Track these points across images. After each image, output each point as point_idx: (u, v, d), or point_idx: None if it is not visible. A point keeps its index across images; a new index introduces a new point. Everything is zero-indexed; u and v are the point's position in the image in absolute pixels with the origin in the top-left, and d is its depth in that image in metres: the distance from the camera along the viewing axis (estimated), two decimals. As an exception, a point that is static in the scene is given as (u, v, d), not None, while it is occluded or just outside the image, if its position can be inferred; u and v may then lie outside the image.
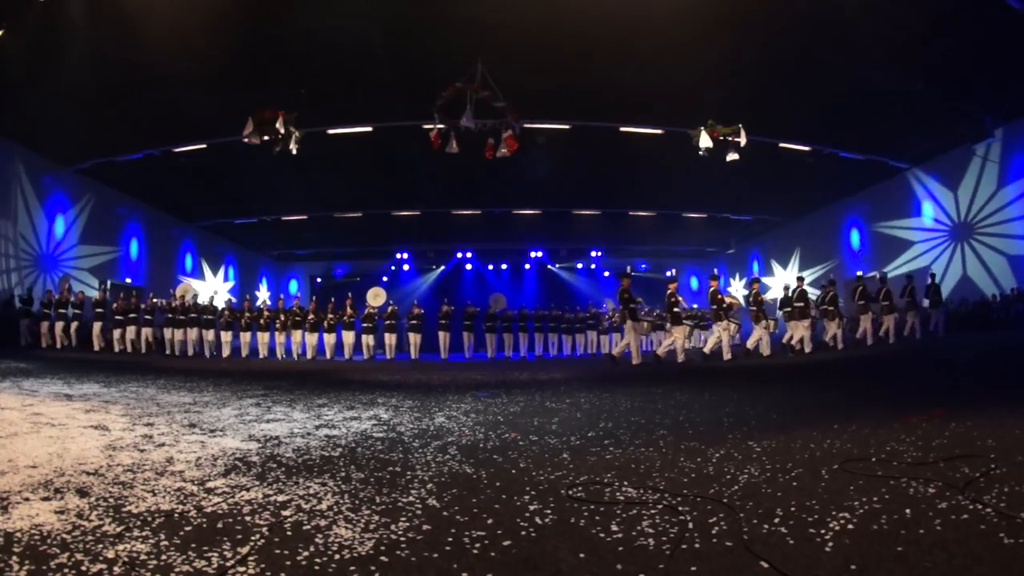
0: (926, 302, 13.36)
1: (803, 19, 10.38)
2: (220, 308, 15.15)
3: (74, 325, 13.39)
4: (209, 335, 14.53)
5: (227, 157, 14.87)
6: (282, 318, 14.57)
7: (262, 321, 14.74)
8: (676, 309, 11.15)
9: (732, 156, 12.27)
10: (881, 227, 18.30)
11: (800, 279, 12.72)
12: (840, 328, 12.37)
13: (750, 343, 11.68)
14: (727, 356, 11.00)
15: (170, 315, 14.20)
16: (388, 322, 15.45)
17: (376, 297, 16.09)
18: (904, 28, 10.33)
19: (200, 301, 15.39)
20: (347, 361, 13.99)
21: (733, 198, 19.02)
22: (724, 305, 11.40)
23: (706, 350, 11.56)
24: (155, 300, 14.56)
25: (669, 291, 11.51)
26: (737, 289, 26.38)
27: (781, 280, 20.69)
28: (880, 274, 14.96)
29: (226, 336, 14.56)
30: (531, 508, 2.30)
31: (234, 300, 16.79)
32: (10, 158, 13.66)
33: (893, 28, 10.39)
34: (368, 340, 15.36)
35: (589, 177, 17.79)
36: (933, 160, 16.15)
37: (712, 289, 11.74)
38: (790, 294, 12.44)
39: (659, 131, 14.49)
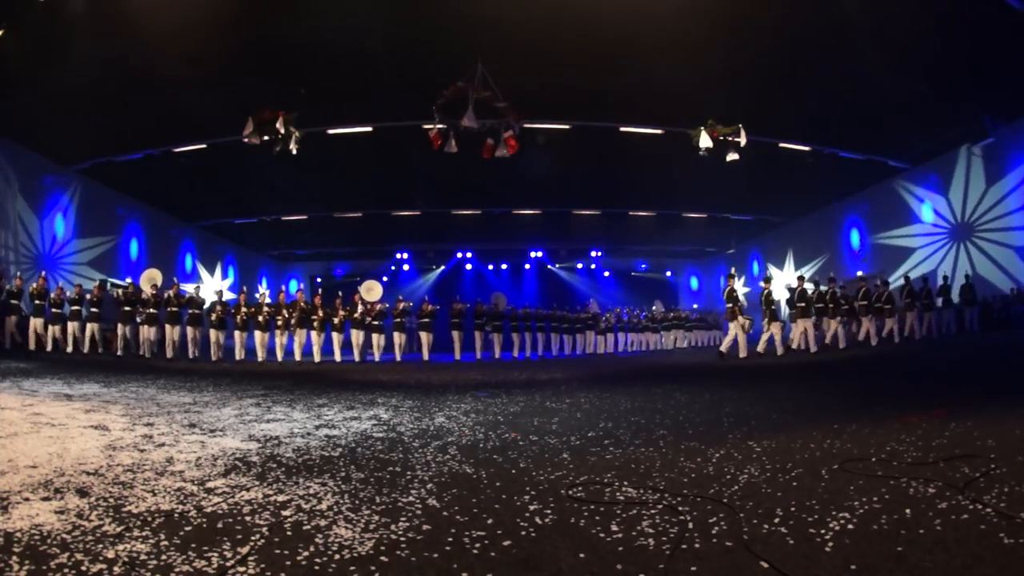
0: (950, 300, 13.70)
1: (803, 19, 10.38)
2: (210, 302, 13.19)
3: (12, 320, 11.53)
4: (194, 333, 12.44)
5: (227, 157, 14.85)
6: (284, 314, 12.99)
7: (261, 318, 12.91)
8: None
9: (732, 156, 12.28)
10: (880, 230, 18.28)
11: (767, 279, 12.88)
12: (815, 329, 12.49)
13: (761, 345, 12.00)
14: (743, 354, 11.45)
15: (127, 308, 11.97)
16: (397, 320, 14.47)
17: (370, 291, 14.74)
18: (904, 28, 10.32)
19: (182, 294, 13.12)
20: (359, 363, 12.93)
21: (733, 198, 19.01)
22: (740, 304, 11.98)
23: (723, 349, 11.78)
24: (113, 291, 12.38)
25: (765, 290, 12.26)
26: (737, 289, 26.40)
27: (782, 280, 20.69)
28: (880, 276, 14.99)
29: (218, 335, 12.65)
30: (531, 508, 2.30)
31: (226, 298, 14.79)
32: (10, 158, 13.64)
33: (893, 28, 10.39)
34: (379, 340, 13.94)
35: (589, 177, 17.78)
36: (933, 160, 16.14)
37: (729, 288, 12.03)
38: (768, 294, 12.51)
39: (659, 131, 14.48)
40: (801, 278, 13.34)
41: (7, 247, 13.52)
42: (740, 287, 25.84)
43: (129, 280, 12.87)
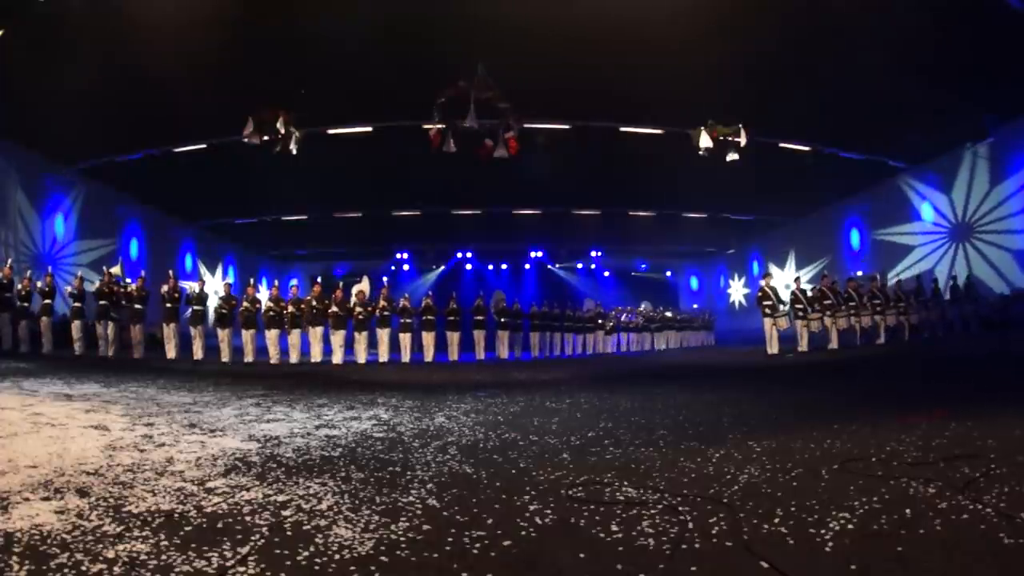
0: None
1: (803, 19, 10.37)
2: (217, 298, 12.08)
3: None
4: (195, 332, 11.30)
5: (227, 157, 14.85)
6: (302, 307, 11.87)
7: (271, 314, 11.65)
8: (767, 302, 12.07)
9: (732, 156, 12.28)
10: (880, 227, 18.28)
11: (767, 275, 12.89)
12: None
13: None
14: (775, 350, 11.60)
15: (102, 302, 10.81)
16: (426, 318, 13.53)
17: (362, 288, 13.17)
18: (903, 28, 10.32)
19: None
20: (386, 364, 12.09)
21: (733, 198, 19.01)
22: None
23: (768, 351, 11.82)
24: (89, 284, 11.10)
25: (762, 287, 12.31)
26: (737, 289, 26.44)
27: (781, 279, 20.70)
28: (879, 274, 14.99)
29: (223, 334, 11.38)
30: (531, 508, 2.30)
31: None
32: (10, 158, 13.65)
33: (892, 28, 10.39)
34: (406, 341, 13.01)
35: (589, 177, 17.76)
36: (933, 160, 16.14)
37: (761, 288, 12.20)
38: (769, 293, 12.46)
39: (659, 131, 14.47)
40: (797, 279, 13.37)
41: (8, 245, 13.52)
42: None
43: (106, 269, 11.84)
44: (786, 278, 19.76)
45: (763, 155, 14.49)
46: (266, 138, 11.35)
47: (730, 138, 12.05)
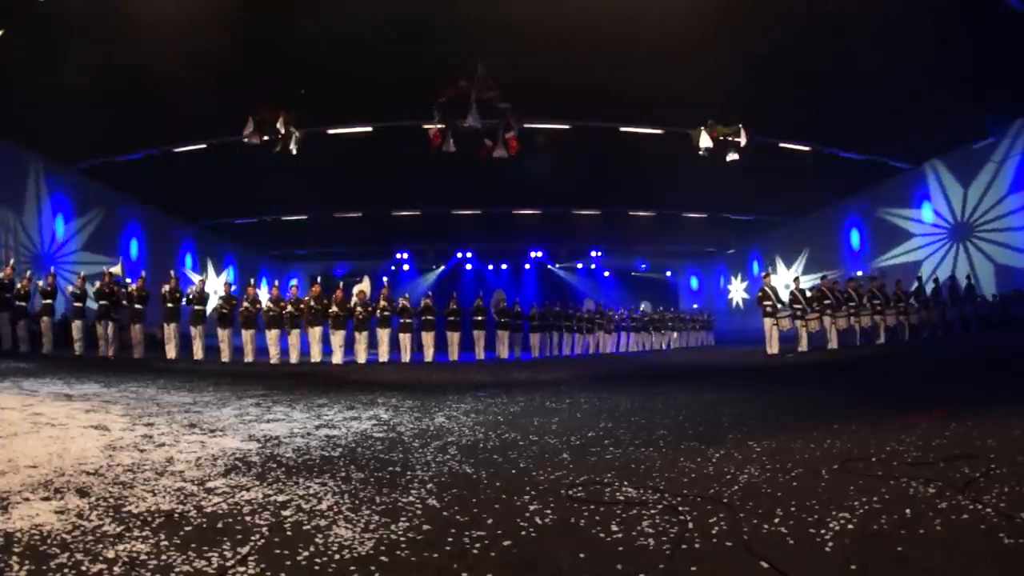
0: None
1: (803, 19, 10.37)
2: (217, 298, 11.94)
3: None
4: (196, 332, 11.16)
5: (227, 157, 14.85)
6: (302, 307, 11.84)
7: (271, 314, 11.65)
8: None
9: (732, 156, 12.27)
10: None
11: (768, 275, 12.88)
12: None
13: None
14: (776, 350, 11.50)
15: (103, 303, 10.70)
16: (426, 318, 13.56)
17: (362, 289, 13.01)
18: (904, 28, 10.32)
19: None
20: (384, 364, 12.04)
21: (733, 198, 19.02)
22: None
23: (768, 351, 11.76)
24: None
25: (762, 287, 12.30)
26: (737, 289, 26.43)
27: (781, 280, 20.69)
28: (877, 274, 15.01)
29: (224, 333, 11.35)
30: (531, 508, 2.30)
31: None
32: (11, 158, 13.65)
33: (893, 28, 10.39)
34: (406, 341, 12.93)
35: (589, 177, 17.77)
36: (932, 160, 16.15)
37: (761, 287, 12.21)
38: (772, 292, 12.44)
39: (659, 131, 14.48)
40: (797, 280, 13.36)
41: (9, 240, 13.53)
42: (740, 290, 25.99)
43: (106, 269, 11.82)
44: (786, 278, 19.76)
45: (763, 155, 14.50)
46: (266, 138, 11.34)
47: (730, 138, 12.06)
